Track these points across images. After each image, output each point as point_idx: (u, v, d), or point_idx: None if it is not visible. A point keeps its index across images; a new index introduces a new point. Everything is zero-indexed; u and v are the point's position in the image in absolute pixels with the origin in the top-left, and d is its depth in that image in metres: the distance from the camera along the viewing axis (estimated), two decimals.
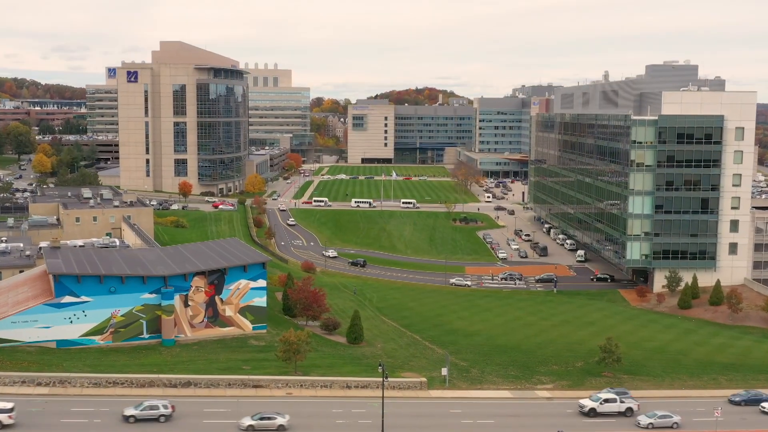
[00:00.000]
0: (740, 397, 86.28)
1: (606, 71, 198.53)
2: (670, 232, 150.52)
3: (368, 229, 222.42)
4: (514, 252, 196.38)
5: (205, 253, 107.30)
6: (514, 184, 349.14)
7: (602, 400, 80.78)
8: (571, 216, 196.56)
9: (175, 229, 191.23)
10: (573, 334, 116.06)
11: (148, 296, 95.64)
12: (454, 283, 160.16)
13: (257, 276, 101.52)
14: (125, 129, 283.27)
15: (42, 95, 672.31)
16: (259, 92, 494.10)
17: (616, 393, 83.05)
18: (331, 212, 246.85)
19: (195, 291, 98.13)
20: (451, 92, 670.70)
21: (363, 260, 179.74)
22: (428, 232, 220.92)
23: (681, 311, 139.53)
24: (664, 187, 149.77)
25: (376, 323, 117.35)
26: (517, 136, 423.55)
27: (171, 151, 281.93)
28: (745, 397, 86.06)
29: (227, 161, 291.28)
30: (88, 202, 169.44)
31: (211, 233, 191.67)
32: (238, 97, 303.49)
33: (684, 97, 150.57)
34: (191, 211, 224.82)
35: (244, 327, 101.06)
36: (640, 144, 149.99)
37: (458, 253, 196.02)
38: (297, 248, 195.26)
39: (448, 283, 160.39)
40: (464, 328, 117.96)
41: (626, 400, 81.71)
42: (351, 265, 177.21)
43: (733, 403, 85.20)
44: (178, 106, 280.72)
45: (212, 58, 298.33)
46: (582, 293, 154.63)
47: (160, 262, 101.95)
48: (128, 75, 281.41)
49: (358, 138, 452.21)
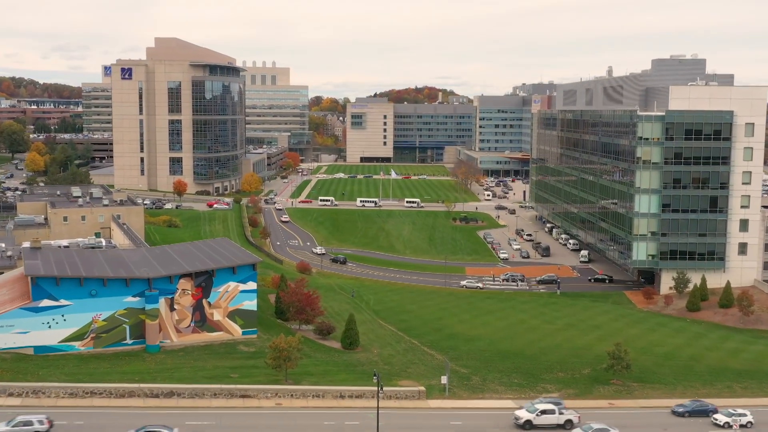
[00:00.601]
0: (684, 408, 79.86)
1: (610, 67, 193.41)
2: (678, 232, 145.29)
3: (366, 229, 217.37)
4: (516, 252, 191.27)
5: (192, 254, 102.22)
6: (515, 183, 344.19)
7: (539, 412, 73.78)
8: (574, 215, 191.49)
9: (167, 229, 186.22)
10: (579, 339, 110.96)
11: (132, 299, 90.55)
12: (465, 285, 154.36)
13: (247, 278, 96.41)
14: (119, 127, 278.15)
15: (40, 94, 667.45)
16: (257, 90, 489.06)
17: (554, 403, 76.21)
18: (329, 211, 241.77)
19: (181, 294, 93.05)
20: (451, 91, 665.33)
21: (343, 257, 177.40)
22: (428, 231, 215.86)
23: (690, 314, 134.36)
24: (671, 185, 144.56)
25: (373, 327, 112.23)
26: (518, 135, 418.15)
27: (166, 149, 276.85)
28: (689, 408, 79.80)
29: (223, 160, 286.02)
30: (77, 201, 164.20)
31: (204, 233, 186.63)
32: (234, 95, 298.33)
33: (692, 92, 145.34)
34: (185, 210, 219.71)
35: (233, 332, 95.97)
36: (647, 140, 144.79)
37: (458, 253, 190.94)
38: (293, 248, 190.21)
39: (458, 285, 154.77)
40: (465, 332, 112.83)
41: (565, 412, 74.80)
42: (332, 262, 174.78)
43: (676, 414, 79.35)
44: (173, 103, 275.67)
45: (208, 55, 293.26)
46: (586, 295, 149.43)
47: (145, 264, 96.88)
48: (122, 72, 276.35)
49: (357, 137, 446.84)
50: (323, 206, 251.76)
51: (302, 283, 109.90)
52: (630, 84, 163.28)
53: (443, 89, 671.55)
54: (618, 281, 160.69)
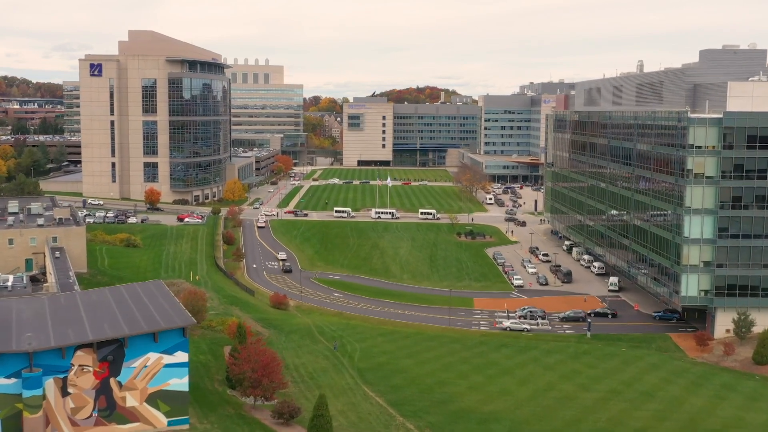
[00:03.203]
0: None
1: (640, 61, 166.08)
2: (738, 262, 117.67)
3: (358, 247, 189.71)
4: (532, 277, 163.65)
5: (105, 309, 74.83)
6: (523, 190, 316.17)
7: None
8: (599, 233, 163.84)
9: (123, 250, 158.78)
10: (629, 417, 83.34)
11: (4, 382, 63.40)
12: (509, 328, 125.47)
13: (174, 347, 69.09)
14: (88, 129, 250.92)
15: (33, 94, 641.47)
16: (249, 89, 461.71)
17: None
18: (318, 224, 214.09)
19: (78, 372, 65.81)
20: (453, 91, 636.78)
21: (290, 266, 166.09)
22: (428, 249, 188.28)
23: (757, 368, 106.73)
24: (729, 203, 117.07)
25: (355, 400, 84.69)
26: (526, 137, 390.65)
27: (140, 153, 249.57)
28: None
29: (204, 165, 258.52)
30: (7, 220, 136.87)
31: (167, 255, 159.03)
32: (217, 94, 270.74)
33: (756, 89, 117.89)
34: (150, 225, 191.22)
35: (155, 422, 68.69)
36: (699, 149, 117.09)
37: (464, 278, 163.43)
38: (271, 272, 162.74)
39: (469, 324, 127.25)
40: (477, 406, 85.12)
41: None
42: (283, 273, 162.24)
43: None
44: (148, 103, 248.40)
45: (188, 49, 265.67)
46: (623, 338, 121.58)
47: (37, 324, 69.64)
48: (91, 68, 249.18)
49: (354, 138, 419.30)
50: (340, 217, 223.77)
51: (258, 344, 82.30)
52: (672, 80, 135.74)
53: (445, 89, 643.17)
54: (664, 319, 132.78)
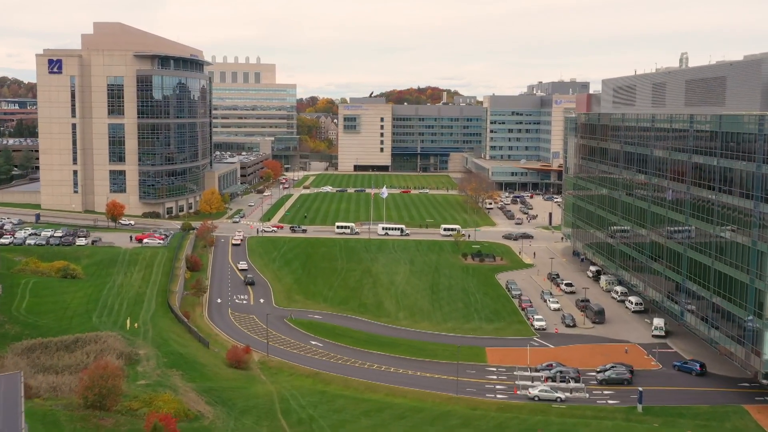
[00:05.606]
0: None
1: (684, 54, 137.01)
2: None
3: (347, 272, 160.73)
4: (555, 315, 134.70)
5: None
6: (534, 199, 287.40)
7: None
8: (634, 261, 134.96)
9: (55, 284, 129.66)
10: None
11: None
12: (538, 397, 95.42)
13: None
14: (47, 133, 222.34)
15: (24, 94, 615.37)
16: (238, 89, 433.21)
17: None
18: (303, 243, 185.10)
19: None
20: (455, 92, 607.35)
21: (252, 278, 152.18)
22: (429, 276, 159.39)
23: None
24: None
25: None
26: (536, 141, 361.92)
27: (105, 160, 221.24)
28: None
29: (178, 173, 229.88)
30: None
31: (109, 289, 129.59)
32: (194, 93, 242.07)
33: None
34: (101, 248, 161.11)
35: None
36: None
37: (473, 317, 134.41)
38: (239, 311, 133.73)
39: (513, 393, 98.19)
40: None
41: None
42: (246, 285, 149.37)
43: None
44: (114, 103, 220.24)
45: (161, 43, 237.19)
46: (684, 413, 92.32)
47: None
48: (50, 64, 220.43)
49: (351, 142, 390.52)
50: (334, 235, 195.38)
51: None
52: (739, 74, 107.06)
53: (447, 89, 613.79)
54: (701, 373, 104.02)
